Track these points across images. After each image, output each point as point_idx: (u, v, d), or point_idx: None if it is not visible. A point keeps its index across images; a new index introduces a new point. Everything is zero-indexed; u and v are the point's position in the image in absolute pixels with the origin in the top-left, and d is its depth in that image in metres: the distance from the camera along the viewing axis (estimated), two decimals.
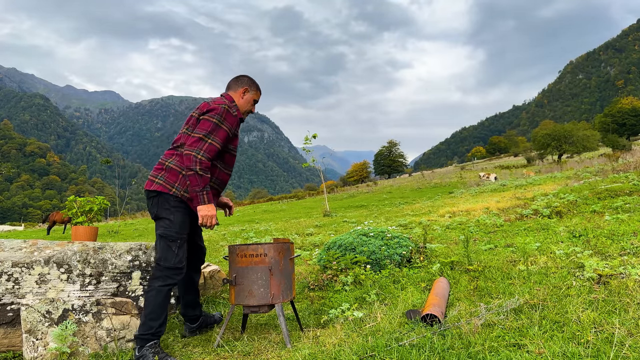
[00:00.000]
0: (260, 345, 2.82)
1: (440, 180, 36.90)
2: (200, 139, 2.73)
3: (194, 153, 2.68)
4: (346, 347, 2.41)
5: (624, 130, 67.49)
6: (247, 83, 3.07)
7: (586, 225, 5.36)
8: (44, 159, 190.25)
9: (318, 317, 3.32)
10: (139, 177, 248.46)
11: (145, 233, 15.39)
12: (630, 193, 7.57)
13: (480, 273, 3.71)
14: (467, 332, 2.34)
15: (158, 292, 2.70)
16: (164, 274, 2.75)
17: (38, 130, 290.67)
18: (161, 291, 2.70)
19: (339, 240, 4.64)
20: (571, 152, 43.10)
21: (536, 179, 18.12)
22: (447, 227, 7.66)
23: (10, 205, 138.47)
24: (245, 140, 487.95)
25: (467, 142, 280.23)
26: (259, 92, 3.13)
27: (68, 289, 3.27)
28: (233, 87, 3.06)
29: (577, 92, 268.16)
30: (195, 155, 2.67)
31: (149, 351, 2.57)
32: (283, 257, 2.96)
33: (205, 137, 2.74)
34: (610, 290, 2.77)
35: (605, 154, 31.59)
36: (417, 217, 10.43)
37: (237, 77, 3.11)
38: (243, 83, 3.06)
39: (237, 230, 12.42)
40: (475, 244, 5.43)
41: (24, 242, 3.31)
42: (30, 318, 2.59)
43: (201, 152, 2.69)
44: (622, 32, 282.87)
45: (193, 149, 2.70)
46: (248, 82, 3.07)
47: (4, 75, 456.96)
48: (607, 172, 13.54)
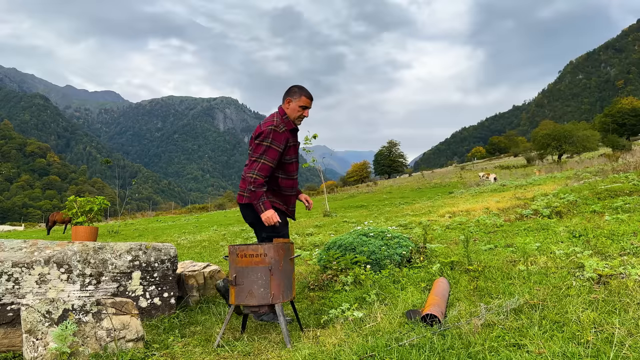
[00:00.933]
0: (261, 345, 2.82)
1: (440, 180, 36.90)
2: (255, 161, 3.21)
3: (250, 174, 3.18)
4: (346, 347, 2.41)
5: (624, 131, 67.42)
6: (290, 93, 3.35)
7: (586, 225, 5.36)
8: (44, 159, 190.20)
9: (318, 317, 3.32)
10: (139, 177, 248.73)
11: (146, 233, 15.39)
12: (630, 193, 7.57)
13: (480, 273, 3.71)
14: (467, 332, 2.34)
15: None
16: None
17: (38, 131, 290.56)
18: None
19: (339, 241, 4.64)
20: (571, 152, 43.08)
21: (536, 179, 18.12)
22: (447, 227, 7.66)
23: (10, 206, 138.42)
24: (245, 140, 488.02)
25: (467, 142, 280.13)
26: (305, 97, 3.34)
27: (68, 289, 3.27)
28: (283, 99, 3.39)
29: (577, 92, 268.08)
30: (251, 175, 3.17)
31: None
32: (283, 257, 2.96)
33: (258, 159, 3.20)
34: (610, 290, 2.77)
35: (605, 154, 31.58)
36: (417, 217, 10.43)
37: (287, 88, 3.41)
38: (287, 94, 3.38)
39: (238, 230, 12.42)
40: (475, 244, 5.43)
41: (24, 242, 3.31)
42: (30, 318, 2.59)
43: (255, 172, 3.17)
44: (622, 32, 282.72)
45: (249, 170, 3.20)
46: (291, 92, 3.36)
47: (4, 75, 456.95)
48: (607, 172, 13.54)
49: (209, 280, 4.25)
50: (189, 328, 3.37)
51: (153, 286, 3.62)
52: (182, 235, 12.92)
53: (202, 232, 13.67)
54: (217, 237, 10.62)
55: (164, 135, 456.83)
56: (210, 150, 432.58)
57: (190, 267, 4.39)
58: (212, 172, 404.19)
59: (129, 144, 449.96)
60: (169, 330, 3.31)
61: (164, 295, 3.67)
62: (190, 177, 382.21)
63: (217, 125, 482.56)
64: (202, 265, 4.42)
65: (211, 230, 13.82)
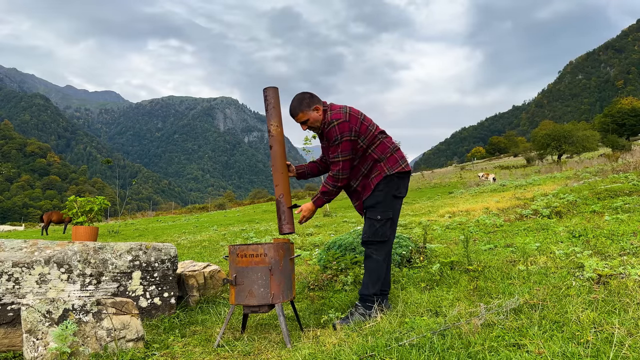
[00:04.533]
0: (261, 345, 2.82)
1: (440, 180, 36.90)
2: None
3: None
4: (346, 347, 2.41)
5: (623, 131, 67.40)
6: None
7: (586, 225, 5.37)
8: (44, 159, 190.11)
9: (318, 317, 3.32)
10: (139, 177, 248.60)
11: (146, 233, 15.39)
12: (630, 193, 7.58)
13: (480, 273, 3.72)
14: (467, 332, 2.34)
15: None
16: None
17: (38, 131, 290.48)
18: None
19: (339, 240, 4.64)
20: (571, 152, 43.06)
21: (536, 179, 18.12)
22: (446, 227, 7.66)
23: (10, 206, 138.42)
24: (245, 140, 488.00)
25: (466, 142, 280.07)
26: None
27: (68, 289, 3.27)
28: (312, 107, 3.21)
29: (576, 93, 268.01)
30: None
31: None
32: (283, 257, 2.97)
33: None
34: (610, 290, 2.78)
35: (605, 154, 31.57)
36: (417, 217, 10.43)
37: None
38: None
39: (237, 230, 12.42)
40: (475, 244, 5.43)
41: (24, 242, 3.31)
42: (30, 318, 2.60)
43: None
44: (622, 32, 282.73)
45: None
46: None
47: (5, 75, 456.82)
48: (607, 173, 13.54)
49: (209, 280, 4.26)
50: (189, 328, 3.37)
51: (153, 286, 3.63)
52: (182, 235, 12.93)
53: (202, 232, 13.68)
54: (217, 237, 10.63)
55: (164, 135, 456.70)
56: (211, 151, 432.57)
57: (190, 267, 4.40)
58: (212, 172, 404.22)
59: (129, 144, 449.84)
60: (169, 330, 3.32)
61: (164, 295, 3.67)
62: (191, 177, 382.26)
63: (217, 126, 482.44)
64: (202, 265, 4.43)
65: (211, 230, 13.83)
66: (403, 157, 3.22)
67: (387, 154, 3.14)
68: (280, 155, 3.23)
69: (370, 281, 3.09)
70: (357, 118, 3.08)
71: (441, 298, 3.21)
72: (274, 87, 3.31)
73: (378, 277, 3.09)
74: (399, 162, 3.15)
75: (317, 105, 3.11)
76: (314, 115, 3.11)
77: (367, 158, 3.14)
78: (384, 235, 3.10)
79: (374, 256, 3.10)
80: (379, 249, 3.11)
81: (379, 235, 3.09)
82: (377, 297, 3.08)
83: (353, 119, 3.05)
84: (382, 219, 3.09)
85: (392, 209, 3.13)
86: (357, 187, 3.22)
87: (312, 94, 3.15)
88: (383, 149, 3.14)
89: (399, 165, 3.14)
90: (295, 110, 3.11)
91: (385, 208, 3.10)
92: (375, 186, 3.11)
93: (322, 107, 3.14)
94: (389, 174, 3.10)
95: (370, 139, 3.12)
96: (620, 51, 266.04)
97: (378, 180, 3.10)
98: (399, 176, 3.15)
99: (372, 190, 3.11)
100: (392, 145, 3.20)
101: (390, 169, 3.11)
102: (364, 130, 3.09)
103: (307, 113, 3.09)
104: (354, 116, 3.07)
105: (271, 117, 3.22)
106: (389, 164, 3.12)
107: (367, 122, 3.13)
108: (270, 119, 3.22)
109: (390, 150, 3.15)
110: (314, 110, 3.10)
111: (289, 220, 3.14)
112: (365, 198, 3.15)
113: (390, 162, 3.13)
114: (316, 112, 3.11)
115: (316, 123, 3.14)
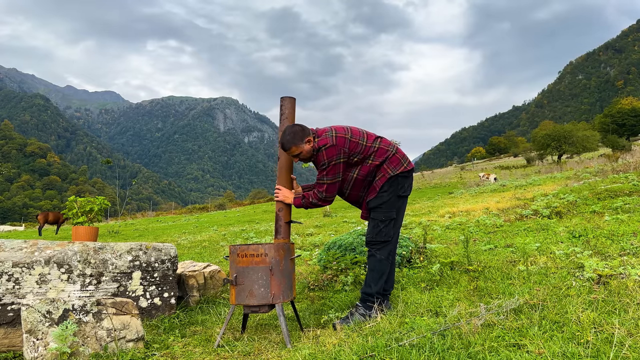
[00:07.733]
0: (261, 345, 2.82)
1: (440, 180, 36.90)
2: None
3: None
4: (346, 347, 2.41)
5: (623, 131, 67.43)
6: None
7: (586, 225, 5.37)
8: (44, 159, 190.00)
9: (318, 317, 3.32)
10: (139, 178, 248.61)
11: (146, 233, 15.39)
12: (630, 193, 7.58)
13: (480, 273, 3.72)
14: (467, 332, 2.34)
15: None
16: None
17: (38, 131, 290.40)
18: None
19: (339, 241, 4.64)
20: (571, 152, 43.08)
21: (536, 179, 18.12)
22: (447, 227, 7.66)
23: (10, 206, 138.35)
24: (245, 140, 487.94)
25: (466, 142, 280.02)
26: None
27: (68, 289, 3.27)
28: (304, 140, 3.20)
29: (576, 93, 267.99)
30: None
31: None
32: (283, 257, 2.97)
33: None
34: (610, 290, 2.78)
35: (605, 154, 31.58)
36: (417, 217, 10.43)
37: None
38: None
39: (238, 230, 12.43)
40: (475, 244, 5.43)
41: (24, 242, 3.31)
42: (30, 318, 2.60)
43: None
44: (622, 32, 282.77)
45: None
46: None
47: (5, 75, 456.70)
48: (607, 173, 13.54)
49: (209, 280, 4.26)
50: (189, 328, 3.37)
51: (153, 286, 3.63)
52: (182, 235, 12.93)
53: (202, 232, 13.68)
54: (217, 237, 10.63)
55: (164, 135, 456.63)
56: (211, 151, 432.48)
57: (190, 267, 4.40)
58: (212, 173, 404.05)
59: (129, 144, 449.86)
60: (169, 330, 3.32)
61: (164, 295, 3.67)
62: (191, 177, 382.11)
63: (217, 126, 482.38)
64: (203, 265, 4.43)
65: (211, 231, 13.83)
66: (404, 155, 3.22)
67: (388, 156, 3.14)
68: (286, 169, 3.25)
69: (372, 279, 3.11)
70: (344, 139, 3.05)
71: (441, 298, 3.21)
72: (291, 98, 3.32)
73: (381, 275, 3.11)
74: (401, 161, 3.16)
75: (309, 137, 3.06)
76: (306, 148, 3.05)
77: (369, 166, 3.14)
78: (387, 236, 3.11)
79: (377, 255, 3.12)
80: (382, 248, 3.13)
81: (382, 235, 3.11)
82: (378, 296, 3.09)
83: (340, 141, 3.03)
84: (386, 220, 3.10)
85: (395, 209, 3.14)
86: (364, 197, 3.24)
87: (302, 127, 3.08)
88: (382, 153, 3.14)
89: (401, 165, 3.15)
90: (289, 144, 3.05)
91: (389, 208, 3.11)
92: (380, 188, 3.11)
93: (312, 136, 3.10)
94: (393, 175, 3.11)
95: (364, 152, 3.11)
96: (620, 51, 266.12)
97: (383, 182, 3.11)
98: (403, 175, 3.16)
99: (377, 192, 3.12)
100: (391, 146, 3.20)
101: (393, 170, 3.11)
102: (354, 146, 3.07)
103: (300, 146, 3.04)
104: (341, 137, 3.04)
105: (283, 127, 3.23)
106: (391, 165, 3.12)
107: (356, 138, 3.10)
108: (281, 129, 3.22)
109: (390, 153, 3.16)
110: (307, 143, 3.05)
111: (285, 235, 3.18)
112: (370, 199, 3.15)
113: (393, 163, 3.13)
114: (308, 145, 3.05)
115: (308, 154, 3.09)
